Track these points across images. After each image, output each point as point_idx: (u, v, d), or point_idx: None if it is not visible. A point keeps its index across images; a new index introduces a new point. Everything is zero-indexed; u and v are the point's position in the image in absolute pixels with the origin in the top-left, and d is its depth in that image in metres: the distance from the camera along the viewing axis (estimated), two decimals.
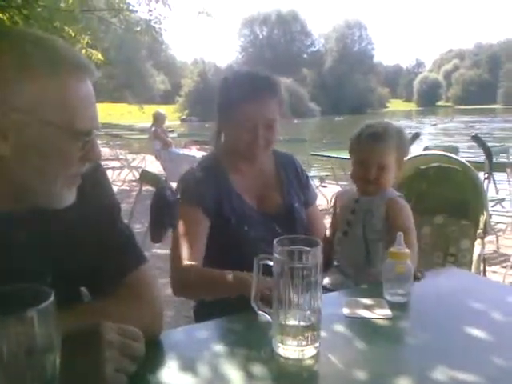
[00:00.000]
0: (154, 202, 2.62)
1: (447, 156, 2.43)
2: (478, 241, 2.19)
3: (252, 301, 0.99)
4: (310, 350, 0.92)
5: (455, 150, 5.70)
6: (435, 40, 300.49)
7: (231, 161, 1.62)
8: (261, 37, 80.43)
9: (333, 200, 1.70)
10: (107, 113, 40.22)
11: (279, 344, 0.92)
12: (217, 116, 1.62)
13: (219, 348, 0.96)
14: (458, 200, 2.31)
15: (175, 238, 1.53)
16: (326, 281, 1.47)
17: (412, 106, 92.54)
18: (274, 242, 0.93)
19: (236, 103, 1.52)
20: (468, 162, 2.27)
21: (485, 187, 2.17)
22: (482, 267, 2.13)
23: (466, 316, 1.11)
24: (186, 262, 1.45)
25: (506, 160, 4.32)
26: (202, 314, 1.67)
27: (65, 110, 0.83)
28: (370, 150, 1.48)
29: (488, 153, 2.29)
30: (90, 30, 8.52)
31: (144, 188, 2.95)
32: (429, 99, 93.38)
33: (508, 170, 3.40)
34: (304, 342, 0.92)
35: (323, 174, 6.77)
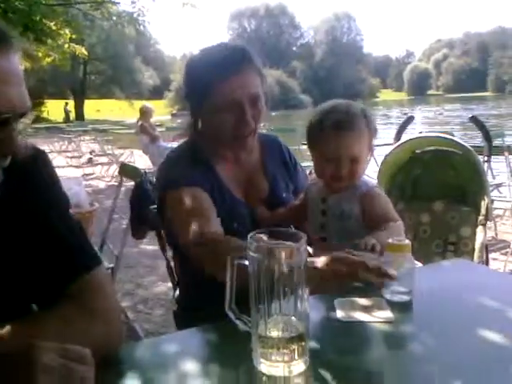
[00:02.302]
0: (134, 196, 2.43)
1: (445, 138, 2.27)
2: (480, 228, 2.05)
3: (227, 307, 0.83)
4: (299, 366, 0.76)
5: (450, 135, 5.57)
6: (424, 30, 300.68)
7: (213, 150, 1.41)
8: (249, 30, 80.00)
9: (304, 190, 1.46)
10: (96, 109, 39.80)
11: (261, 359, 0.76)
12: (188, 103, 1.41)
13: (189, 365, 0.79)
14: (458, 185, 2.16)
15: (180, 217, 1.27)
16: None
17: (402, 96, 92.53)
18: (248, 237, 0.76)
19: (211, 82, 1.28)
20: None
21: (485, 171, 2.00)
22: (484, 256, 2.00)
23: (480, 316, 0.95)
24: (206, 230, 1.21)
25: (501, 143, 4.16)
26: (182, 319, 1.51)
27: None
28: (339, 142, 1.22)
29: (487, 135, 2.15)
30: (71, 23, 8.29)
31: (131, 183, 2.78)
32: (419, 88, 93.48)
33: (506, 153, 3.25)
34: (290, 356, 0.75)
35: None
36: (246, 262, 0.75)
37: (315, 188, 1.37)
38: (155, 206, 1.49)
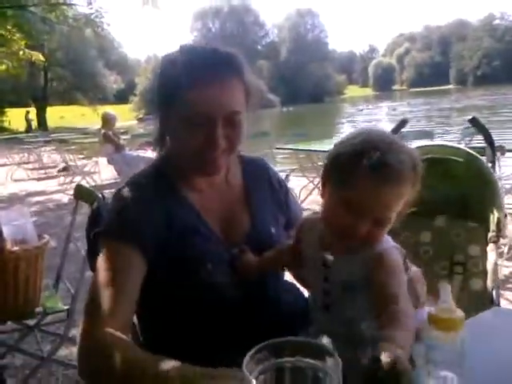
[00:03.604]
0: (89, 224, 2.08)
1: (441, 145, 2.02)
2: (491, 246, 1.80)
3: None
4: None
5: (430, 135, 5.37)
6: (386, 25, 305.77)
7: (182, 173, 1.13)
8: (213, 30, 79.50)
9: (295, 230, 1.12)
10: (59, 116, 38.64)
11: None
12: (158, 112, 1.11)
13: None
14: (460, 197, 1.91)
15: (92, 286, 1.02)
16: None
17: (368, 92, 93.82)
18: (246, 358, 0.46)
19: (184, 87, 1.01)
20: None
21: (495, 179, 1.75)
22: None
23: None
24: (101, 327, 0.92)
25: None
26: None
27: None
28: (375, 195, 0.88)
29: (489, 138, 1.92)
30: (24, 27, 7.78)
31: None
32: (384, 83, 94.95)
33: (498, 154, 3.04)
34: None
35: (288, 168, 6.34)
36: None
37: (313, 235, 1.02)
38: None
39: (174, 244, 1.07)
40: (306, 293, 1.28)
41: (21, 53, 8.92)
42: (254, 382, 0.46)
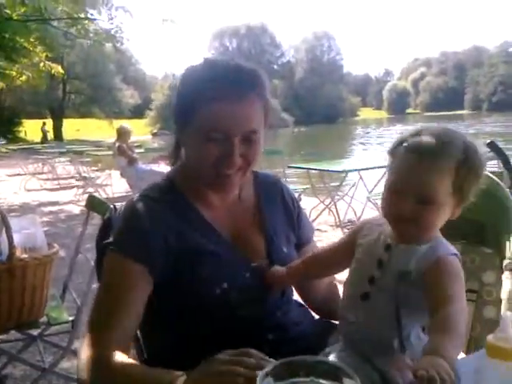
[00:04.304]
0: (100, 235, 2.08)
1: None
2: (506, 274, 1.76)
3: None
4: None
5: None
6: (402, 49, 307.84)
7: (194, 187, 1.12)
8: (231, 49, 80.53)
9: (352, 227, 1.15)
10: (75, 129, 39.15)
11: None
12: (175, 123, 1.10)
13: None
14: (476, 222, 1.86)
15: (97, 299, 1.02)
16: (331, 357, 0.98)
17: (382, 114, 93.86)
18: (261, 374, 0.45)
19: (202, 100, 1.00)
20: None
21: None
22: None
23: None
24: (103, 342, 0.93)
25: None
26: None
27: None
28: (409, 170, 0.91)
29: (508, 163, 1.89)
30: (45, 40, 7.93)
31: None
32: (398, 107, 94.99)
33: None
34: None
35: (301, 187, 6.32)
36: None
37: (378, 229, 1.02)
38: None
39: (186, 262, 1.04)
40: (316, 316, 1.27)
41: (41, 65, 9.09)
42: None
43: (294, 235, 1.22)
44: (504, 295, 1.70)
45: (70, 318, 2.07)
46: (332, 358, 0.99)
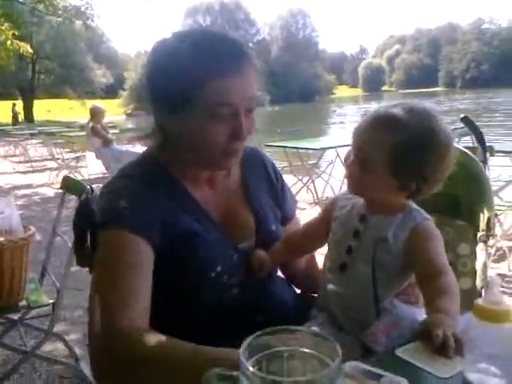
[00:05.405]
0: (77, 216, 2.05)
1: None
2: (480, 245, 1.81)
3: None
4: None
5: None
6: (377, 26, 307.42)
7: (181, 168, 1.07)
8: (204, 26, 79.21)
9: (325, 203, 1.19)
10: (46, 109, 38.17)
11: None
12: (155, 104, 1.04)
13: None
14: (451, 195, 1.90)
15: (98, 281, 0.93)
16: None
17: (358, 92, 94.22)
18: (243, 345, 0.45)
19: (202, 79, 0.94)
20: None
21: (486, 177, 1.76)
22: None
23: None
24: (125, 321, 0.85)
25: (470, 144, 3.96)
26: None
27: None
28: (356, 129, 0.99)
29: (481, 138, 1.93)
30: (12, 17, 7.64)
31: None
32: (374, 84, 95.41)
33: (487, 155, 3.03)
34: None
35: (279, 165, 6.32)
36: None
37: (350, 203, 1.07)
38: None
39: (180, 243, 1.00)
40: (297, 291, 1.29)
41: (8, 43, 8.77)
42: (250, 369, 0.45)
43: (279, 210, 1.21)
44: (478, 266, 1.75)
45: (50, 301, 2.05)
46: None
